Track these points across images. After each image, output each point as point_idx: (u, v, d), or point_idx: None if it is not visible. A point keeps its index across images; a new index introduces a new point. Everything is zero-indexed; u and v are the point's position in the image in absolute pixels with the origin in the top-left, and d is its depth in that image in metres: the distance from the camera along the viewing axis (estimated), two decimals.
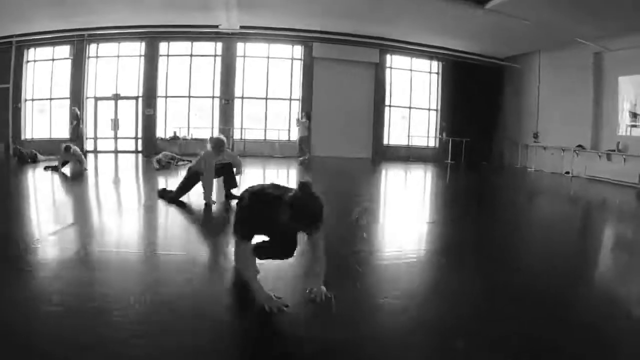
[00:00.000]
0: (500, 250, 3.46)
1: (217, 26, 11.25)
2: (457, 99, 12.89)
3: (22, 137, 12.14)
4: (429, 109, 13.20)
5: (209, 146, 4.55)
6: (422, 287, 2.51)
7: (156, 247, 3.21)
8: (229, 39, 11.82)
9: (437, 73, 13.19)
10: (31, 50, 12.49)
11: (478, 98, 12.89)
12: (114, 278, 2.42)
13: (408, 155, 12.65)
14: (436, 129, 13.15)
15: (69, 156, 7.61)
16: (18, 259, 2.64)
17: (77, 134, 11.07)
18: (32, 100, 12.37)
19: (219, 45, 11.93)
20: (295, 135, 11.34)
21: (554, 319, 2.04)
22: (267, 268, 2.36)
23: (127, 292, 2.16)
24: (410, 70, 12.94)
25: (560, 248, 3.59)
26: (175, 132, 11.60)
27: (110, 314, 1.91)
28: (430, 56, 12.81)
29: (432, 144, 13.22)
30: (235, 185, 4.80)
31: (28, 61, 12.54)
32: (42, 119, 12.05)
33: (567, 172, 10.09)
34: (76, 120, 11.22)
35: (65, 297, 2.09)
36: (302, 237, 2.19)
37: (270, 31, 11.62)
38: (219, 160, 4.59)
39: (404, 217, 4.60)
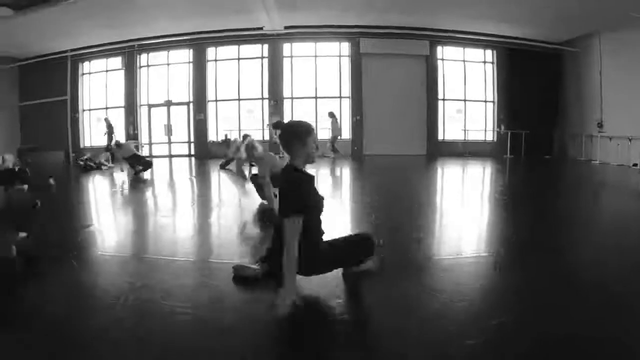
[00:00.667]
0: (570, 248, 3.08)
1: (261, 28, 11.19)
2: (514, 89, 12.07)
3: (81, 146, 12.62)
4: (485, 101, 12.45)
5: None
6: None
7: None
8: (274, 40, 11.71)
9: (492, 62, 12.43)
10: (86, 63, 13.02)
11: (536, 87, 12.02)
12: None
13: (464, 151, 11.96)
14: (493, 121, 12.37)
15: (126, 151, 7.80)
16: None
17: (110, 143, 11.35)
18: (89, 110, 12.83)
19: (265, 47, 11.85)
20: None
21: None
22: None
23: None
24: (463, 61, 12.28)
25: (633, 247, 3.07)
26: (226, 135, 11.55)
27: None
28: (484, 45, 12.09)
29: (489, 137, 12.45)
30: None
31: (83, 74, 13.07)
32: (99, 127, 12.41)
33: (635, 165, 9.06)
34: (109, 130, 11.51)
35: None
36: None
37: (315, 29, 11.40)
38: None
39: (467, 216, 4.17)
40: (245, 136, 7.36)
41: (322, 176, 7.24)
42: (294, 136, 2.00)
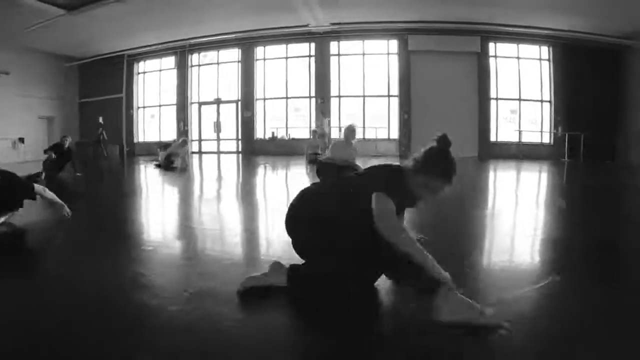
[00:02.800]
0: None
1: (307, 26, 11.21)
2: (572, 88, 11.36)
3: (135, 141, 13.22)
4: (541, 101, 11.84)
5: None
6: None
7: None
8: (321, 38, 11.71)
9: (548, 59, 11.80)
10: (141, 63, 13.63)
11: (596, 86, 11.23)
12: None
13: (518, 153, 11.42)
14: (550, 123, 11.74)
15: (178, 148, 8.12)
16: None
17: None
18: (143, 107, 13.41)
19: (313, 45, 11.88)
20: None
21: None
22: None
23: None
24: (518, 58, 11.73)
25: None
26: (273, 133, 11.72)
27: None
28: (539, 41, 11.48)
29: (546, 139, 11.82)
30: None
31: (138, 73, 13.69)
32: (153, 123, 12.95)
33: None
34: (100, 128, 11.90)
35: None
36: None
37: (362, 26, 11.28)
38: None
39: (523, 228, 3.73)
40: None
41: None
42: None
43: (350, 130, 4.63)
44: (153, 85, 13.33)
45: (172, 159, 8.04)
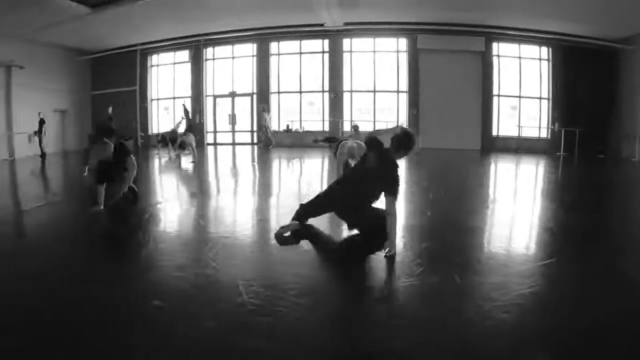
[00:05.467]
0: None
1: (322, 24, 11.69)
2: (569, 87, 12.11)
3: (149, 132, 13.50)
4: (540, 98, 12.57)
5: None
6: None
7: None
8: (334, 35, 12.19)
9: (547, 59, 12.52)
10: (154, 56, 13.87)
11: (591, 85, 12.00)
12: None
13: (518, 147, 12.13)
14: (548, 118, 12.48)
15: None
16: None
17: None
18: (157, 99, 13.69)
19: (326, 42, 12.36)
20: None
21: None
22: None
23: None
24: (519, 57, 12.42)
25: None
26: (288, 125, 12.18)
27: None
28: (540, 42, 12.19)
29: (543, 134, 12.57)
30: None
31: (152, 66, 13.94)
32: (167, 116, 13.25)
33: None
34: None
35: None
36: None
37: (373, 26, 11.81)
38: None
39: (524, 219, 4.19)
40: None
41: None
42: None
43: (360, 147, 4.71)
44: (167, 78, 13.61)
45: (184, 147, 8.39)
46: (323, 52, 12.36)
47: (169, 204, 4.57)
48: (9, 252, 2.86)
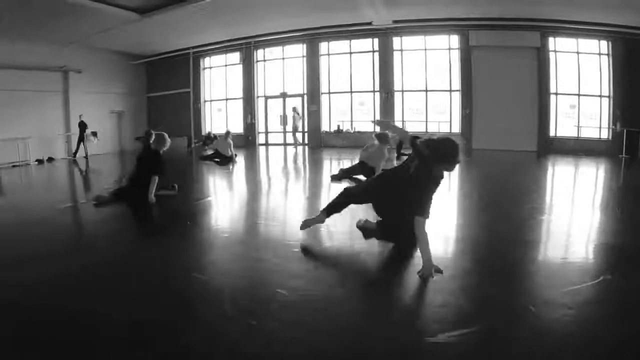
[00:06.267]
0: None
1: (369, 23, 11.70)
2: (631, 83, 11.53)
3: (202, 133, 14.06)
4: (600, 96, 12.04)
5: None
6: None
7: None
8: (384, 34, 12.17)
9: (607, 54, 11.94)
10: (206, 58, 14.39)
11: None
12: None
13: (576, 148, 11.69)
14: (608, 118, 11.95)
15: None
16: None
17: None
18: (210, 101, 14.21)
19: (376, 41, 12.37)
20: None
21: None
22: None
23: None
24: (577, 52, 11.93)
25: None
26: (338, 126, 12.33)
27: None
28: (598, 35, 11.61)
29: (604, 135, 12.04)
30: None
31: (204, 68, 14.47)
32: (220, 116, 13.75)
33: None
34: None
35: None
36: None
37: (423, 23, 11.67)
38: None
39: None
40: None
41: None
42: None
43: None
44: (219, 79, 14.08)
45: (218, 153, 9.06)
46: (373, 51, 12.38)
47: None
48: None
